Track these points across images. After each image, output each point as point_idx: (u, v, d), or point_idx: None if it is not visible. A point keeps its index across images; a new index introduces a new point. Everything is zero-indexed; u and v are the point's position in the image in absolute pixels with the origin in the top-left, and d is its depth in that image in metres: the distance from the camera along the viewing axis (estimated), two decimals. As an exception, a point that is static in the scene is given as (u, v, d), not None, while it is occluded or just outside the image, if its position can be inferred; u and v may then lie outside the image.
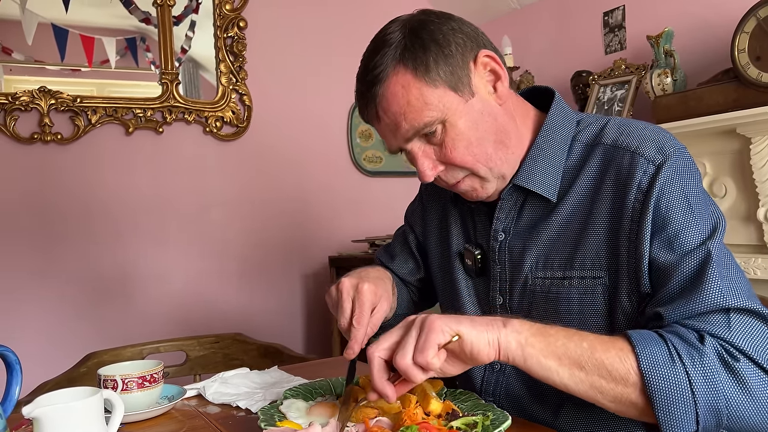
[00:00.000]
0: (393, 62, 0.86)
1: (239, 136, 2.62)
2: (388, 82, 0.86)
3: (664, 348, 0.73)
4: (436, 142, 0.88)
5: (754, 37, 1.76)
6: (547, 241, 0.92)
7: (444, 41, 0.86)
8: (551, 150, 0.92)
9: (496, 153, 0.90)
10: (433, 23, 0.88)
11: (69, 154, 2.32)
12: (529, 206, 0.94)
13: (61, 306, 2.30)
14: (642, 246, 0.81)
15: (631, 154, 0.85)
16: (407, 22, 0.89)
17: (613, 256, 0.85)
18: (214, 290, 2.58)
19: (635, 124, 0.90)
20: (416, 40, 0.86)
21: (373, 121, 0.92)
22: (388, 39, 0.87)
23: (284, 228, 2.72)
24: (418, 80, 0.85)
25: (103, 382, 1.00)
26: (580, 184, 0.89)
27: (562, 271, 0.89)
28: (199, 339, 1.52)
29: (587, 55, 2.51)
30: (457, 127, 0.87)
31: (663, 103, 2.00)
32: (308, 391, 0.97)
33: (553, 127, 0.93)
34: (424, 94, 0.85)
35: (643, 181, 0.83)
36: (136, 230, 2.43)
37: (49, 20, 2.30)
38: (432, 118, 0.85)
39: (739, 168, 1.86)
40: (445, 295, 1.11)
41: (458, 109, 0.86)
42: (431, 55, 0.85)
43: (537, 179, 0.91)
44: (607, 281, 0.86)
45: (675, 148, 0.85)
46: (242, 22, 2.59)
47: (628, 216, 0.83)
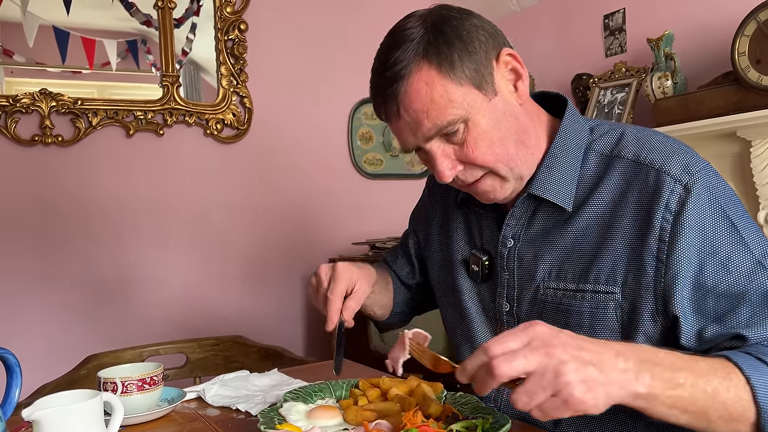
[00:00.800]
0: (416, 57, 0.82)
1: (240, 139, 2.62)
2: (412, 79, 0.83)
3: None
4: (457, 141, 0.86)
5: (755, 41, 1.76)
6: (561, 251, 0.90)
7: (468, 38, 0.84)
8: (566, 158, 0.90)
9: (517, 153, 0.88)
10: (455, 18, 0.85)
11: (70, 157, 2.32)
12: (542, 214, 0.93)
13: (62, 308, 2.30)
14: (677, 269, 0.80)
15: (656, 171, 0.83)
16: (427, 16, 0.86)
17: (632, 274, 0.83)
18: (214, 292, 2.58)
19: (654, 137, 0.89)
20: (440, 35, 0.83)
21: (391, 118, 0.88)
22: (409, 34, 0.84)
23: (285, 230, 2.72)
24: (443, 77, 0.82)
25: (103, 385, 1.00)
26: (599, 197, 0.88)
27: (576, 283, 0.88)
28: (199, 341, 1.52)
29: (587, 57, 2.51)
30: (479, 125, 0.85)
31: (663, 106, 2.00)
32: (308, 394, 0.97)
33: (567, 135, 0.92)
34: (449, 91, 0.82)
35: (671, 201, 0.81)
36: (137, 232, 2.43)
37: (51, 22, 2.30)
38: (456, 116, 0.83)
39: (739, 171, 1.86)
40: (446, 299, 1.10)
41: (481, 107, 0.84)
42: (456, 51, 0.83)
43: (552, 188, 0.89)
44: (620, 297, 0.85)
45: (701, 165, 0.83)
46: (243, 25, 2.59)
47: (654, 236, 0.81)
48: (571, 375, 0.61)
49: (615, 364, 0.65)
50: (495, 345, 0.63)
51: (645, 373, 0.66)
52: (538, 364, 0.62)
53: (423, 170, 3.05)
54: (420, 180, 3.01)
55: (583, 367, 0.62)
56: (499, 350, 0.63)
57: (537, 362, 0.62)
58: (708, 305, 0.80)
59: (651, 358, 0.68)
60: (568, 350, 0.62)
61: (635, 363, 0.66)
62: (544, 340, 0.63)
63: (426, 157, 0.90)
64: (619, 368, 0.65)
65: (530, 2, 2.72)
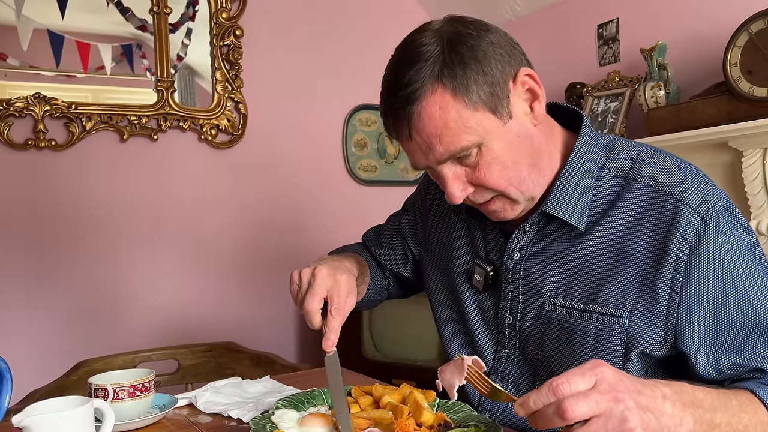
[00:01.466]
0: (430, 79, 0.80)
1: (234, 144, 2.62)
2: (425, 102, 0.80)
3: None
4: (470, 165, 0.84)
5: (746, 52, 1.78)
6: (570, 269, 0.90)
7: (484, 59, 0.81)
8: (580, 177, 0.89)
9: (529, 176, 0.87)
10: (471, 36, 0.82)
11: (63, 161, 2.32)
12: (552, 230, 0.92)
13: (53, 313, 2.29)
14: (691, 303, 0.80)
15: (674, 200, 0.83)
16: (443, 33, 0.82)
17: (643, 301, 0.83)
18: (207, 298, 2.57)
19: (671, 162, 0.88)
20: (455, 56, 0.80)
21: (402, 139, 0.86)
22: (424, 51, 0.81)
23: (278, 236, 2.72)
24: (457, 101, 0.80)
25: (94, 391, 0.99)
26: (613, 219, 0.87)
27: (583, 303, 0.88)
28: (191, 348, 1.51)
29: (581, 66, 2.53)
30: (493, 150, 0.83)
31: (656, 115, 2.01)
32: (300, 401, 0.97)
33: (582, 154, 0.90)
34: (462, 116, 0.80)
35: (689, 232, 0.81)
36: (130, 237, 2.42)
37: (45, 26, 2.30)
38: (470, 142, 0.81)
39: (731, 180, 1.87)
40: (444, 305, 1.09)
41: (496, 132, 0.82)
42: (471, 74, 0.80)
43: (566, 207, 0.88)
44: (627, 322, 0.84)
45: (719, 197, 0.83)
46: (239, 31, 2.59)
47: (669, 265, 0.81)
48: (635, 422, 0.62)
49: (664, 408, 0.66)
50: (564, 384, 0.63)
51: (689, 417, 0.67)
52: (606, 408, 0.62)
53: (417, 177, 3.06)
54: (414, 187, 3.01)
55: (644, 413, 0.63)
56: (568, 391, 0.62)
57: (605, 407, 0.62)
58: (727, 339, 0.81)
59: (692, 400, 0.69)
60: (632, 395, 0.63)
61: (681, 407, 0.67)
62: (611, 384, 0.63)
63: (436, 175, 0.88)
64: (667, 413, 0.66)
65: (524, 11, 2.73)
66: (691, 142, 1.87)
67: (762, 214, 1.77)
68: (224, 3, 2.57)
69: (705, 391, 0.71)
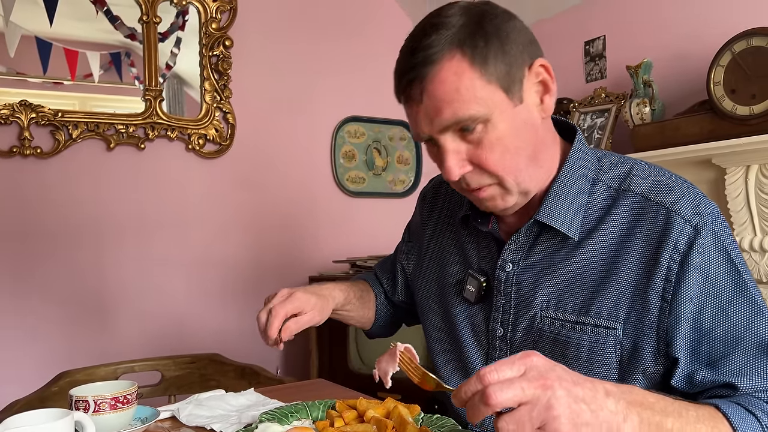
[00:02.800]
0: (450, 45, 0.80)
1: (222, 154, 2.61)
2: (441, 65, 0.80)
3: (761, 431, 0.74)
4: (472, 140, 0.83)
5: (729, 71, 1.81)
6: (562, 280, 0.89)
7: (506, 39, 0.82)
8: (574, 187, 0.89)
9: (527, 167, 0.86)
10: (497, 16, 0.83)
11: (48, 169, 2.30)
12: (544, 240, 0.91)
13: (35, 323, 2.26)
14: (681, 310, 0.80)
15: (666, 210, 0.83)
16: (469, 8, 0.84)
17: (636, 312, 0.83)
18: (191, 309, 2.55)
19: (663, 175, 0.89)
20: (479, 29, 0.81)
21: (411, 101, 0.85)
22: (447, 21, 0.82)
23: (265, 247, 2.71)
24: (474, 70, 0.80)
25: (75, 403, 0.98)
26: (605, 230, 0.87)
27: (576, 315, 0.87)
28: (174, 359, 1.50)
29: (568, 82, 2.55)
30: (498, 129, 0.82)
31: (641, 132, 2.04)
32: (284, 415, 0.96)
33: (576, 164, 0.91)
34: (476, 85, 0.80)
35: (680, 241, 0.81)
36: (114, 247, 2.40)
37: (33, 33, 2.29)
38: (477, 113, 0.81)
39: (714, 197, 1.89)
40: (434, 319, 1.09)
41: (505, 111, 0.82)
42: (492, 48, 0.81)
43: (560, 216, 0.88)
44: (621, 334, 0.84)
45: (710, 208, 0.83)
46: (228, 41, 2.60)
47: (660, 275, 0.81)
48: (561, 410, 0.60)
49: (605, 404, 0.64)
50: (491, 373, 0.61)
51: (634, 416, 0.65)
52: (533, 396, 0.60)
53: (405, 189, 3.07)
54: (402, 199, 3.03)
55: (575, 403, 0.61)
56: (495, 378, 0.61)
57: (532, 394, 0.60)
58: (702, 348, 0.81)
59: (641, 401, 0.67)
60: (563, 384, 0.62)
61: (626, 405, 0.65)
62: (540, 372, 0.62)
63: (436, 153, 0.87)
64: (609, 409, 0.64)
65: (513, 27, 2.76)
66: (676, 159, 1.90)
67: (744, 230, 1.79)
68: (214, 13, 2.58)
69: (658, 397, 0.70)
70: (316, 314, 1.03)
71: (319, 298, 1.05)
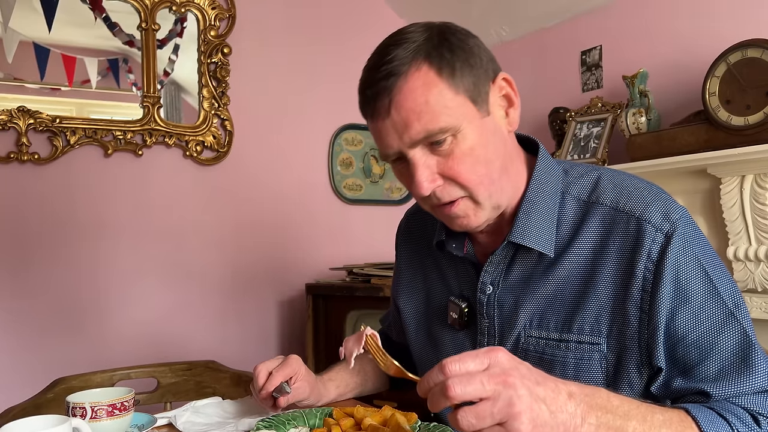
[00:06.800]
0: (416, 56, 0.80)
1: (219, 161, 2.62)
2: (409, 76, 0.79)
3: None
4: (442, 153, 0.82)
5: (725, 82, 1.82)
6: (542, 298, 0.88)
7: (470, 52, 0.83)
8: (543, 204, 0.89)
9: (499, 179, 0.85)
10: (459, 32, 0.85)
11: (46, 175, 2.30)
12: (520, 260, 0.91)
13: (30, 329, 2.25)
14: (657, 319, 0.79)
15: (636, 220, 0.83)
16: (430, 26, 0.84)
17: (617, 326, 0.83)
18: (188, 316, 2.54)
19: (630, 182, 0.88)
20: (443, 42, 0.81)
21: (378, 116, 0.82)
22: (410, 37, 0.82)
23: (262, 254, 2.71)
24: (442, 80, 0.79)
25: (72, 410, 0.97)
26: (579, 244, 0.86)
27: (559, 333, 0.86)
28: (171, 366, 1.49)
29: (565, 92, 2.57)
30: (468, 140, 0.81)
31: (637, 141, 2.05)
32: (281, 422, 0.96)
33: (542, 179, 0.90)
34: (445, 96, 0.79)
35: (653, 250, 0.80)
36: (111, 253, 2.40)
37: (31, 39, 2.29)
38: (447, 124, 0.79)
39: (709, 207, 1.90)
40: (421, 346, 1.07)
41: (473, 122, 0.82)
42: (458, 59, 0.81)
43: (533, 235, 0.87)
44: (605, 349, 0.84)
45: (679, 213, 0.83)
46: (227, 49, 2.61)
47: (637, 286, 0.81)
48: (522, 408, 0.60)
49: (565, 405, 0.64)
50: (453, 364, 0.62)
51: (592, 419, 0.66)
52: (493, 392, 0.60)
53: (402, 197, 3.07)
54: (399, 206, 3.03)
55: (536, 403, 0.62)
56: (457, 370, 0.61)
57: (492, 390, 0.60)
58: (677, 355, 0.80)
59: (603, 404, 0.68)
60: (525, 383, 0.62)
61: (586, 408, 0.66)
62: (503, 368, 0.62)
63: (404, 170, 0.85)
64: (568, 411, 0.64)
65: (510, 36, 2.78)
66: (671, 169, 1.91)
67: (739, 240, 1.80)
68: (213, 21, 2.59)
69: (624, 400, 0.70)
70: (305, 385, 1.05)
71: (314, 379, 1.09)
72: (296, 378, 1.04)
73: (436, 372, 0.62)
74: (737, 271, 1.81)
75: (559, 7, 2.53)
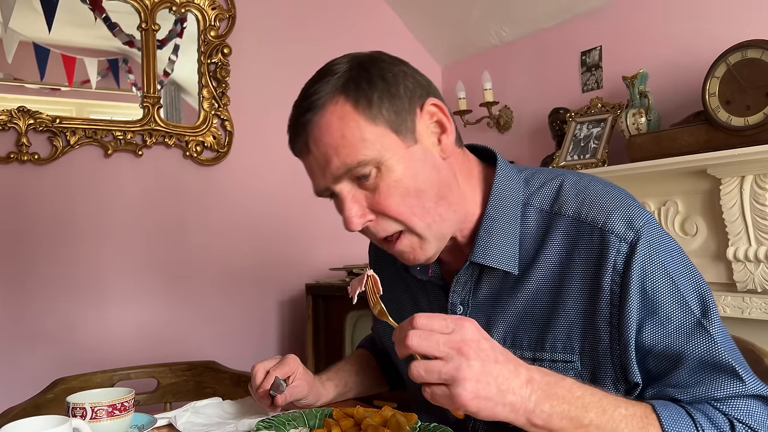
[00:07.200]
0: (333, 91, 0.79)
1: (219, 161, 2.62)
2: (324, 111, 0.79)
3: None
4: (369, 187, 0.80)
5: (725, 82, 1.83)
6: (513, 317, 0.85)
7: (393, 80, 0.80)
8: (504, 219, 0.86)
9: (436, 208, 0.82)
10: (384, 62, 0.83)
11: (46, 175, 2.30)
12: (487, 278, 0.88)
13: (29, 329, 2.25)
14: (628, 333, 0.77)
15: (599, 231, 0.80)
16: (357, 56, 0.83)
17: (589, 342, 0.80)
18: (188, 316, 2.54)
19: (592, 189, 0.85)
20: (363, 73, 0.80)
21: (302, 153, 0.84)
22: (333, 69, 0.81)
23: (261, 254, 2.71)
24: (358, 113, 0.78)
25: (72, 410, 0.97)
26: (545, 258, 0.83)
27: (532, 352, 0.84)
28: (171, 366, 1.49)
29: (565, 92, 2.57)
30: (393, 172, 0.79)
31: (637, 142, 2.05)
32: (281, 423, 0.96)
33: (502, 194, 0.87)
34: (361, 128, 0.78)
35: (618, 261, 0.78)
36: (111, 253, 2.40)
37: (31, 39, 2.29)
38: (367, 156, 0.78)
39: (709, 207, 1.90)
40: (402, 365, 1.05)
41: (397, 153, 0.79)
42: (376, 90, 0.79)
43: (495, 253, 0.84)
44: (579, 366, 0.81)
45: (644, 220, 0.79)
46: (227, 49, 2.61)
47: (605, 300, 0.78)
48: (468, 375, 0.63)
49: (520, 389, 0.66)
50: (422, 319, 0.65)
51: (545, 407, 0.66)
52: (446, 354, 0.64)
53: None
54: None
55: (485, 377, 0.64)
56: (422, 324, 0.65)
57: (445, 352, 0.64)
58: (648, 366, 0.78)
59: (563, 394, 0.68)
60: (480, 355, 0.64)
61: (541, 395, 0.67)
62: (464, 337, 0.65)
63: (338, 206, 0.84)
64: (521, 394, 0.66)
65: (510, 37, 2.78)
66: (671, 169, 1.91)
67: (739, 240, 1.80)
68: (213, 21, 2.59)
69: (587, 391, 0.70)
70: (303, 384, 1.05)
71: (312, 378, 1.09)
72: (294, 377, 1.03)
73: (407, 321, 0.66)
74: (737, 272, 1.81)
75: (559, 8, 2.53)
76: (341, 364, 1.20)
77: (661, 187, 2.00)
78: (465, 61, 3.02)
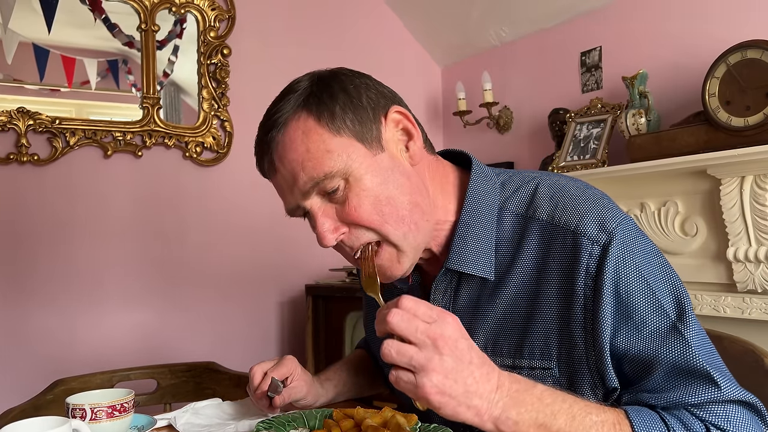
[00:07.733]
0: (295, 107, 0.80)
1: (219, 162, 2.62)
2: (287, 127, 0.79)
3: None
4: (339, 200, 0.80)
5: (724, 83, 1.83)
6: (493, 323, 0.84)
7: (354, 92, 0.81)
8: (480, 225, 0.84)
9: (410, 216, 0.81)
10: (345, 76, 0.83)
11: (45, 176, 2.30)
12: (466, 284, 0.87)
13: (29, 330, 2.25)
14: (602, 339, 0.75)
15: (572, 234, 0.78)
16: (318, 73, 0.84)
17: (565, 348, 0.79)
18: (188, 317, 2.54)
19: (567, 191, 0.83)
20: (325, 88, 0.81)
21: (269, 173, 0.84)
22: (296, 87, 0.83)
23: (261, 255, 2.71)
24: (321, 126, 0.78)
25: (72, 411, 0.97)
26: (521, 263, 0.82)
27: (512, 359, 0.82)
28: (170, 367, 1.49)
29: (565, 93, 2.57)
30: (362, 181, 0.78)
31: (637, 142, 2.05)
32: (281, 424, 0.96)
33: (477, 199, 0.86)
34: (325, 141, 0.78)
35: (591, 265, 0.76)
36: (111, 254, 2.40)
37: (31, 40, 2.29)
38: (333, 168, 0.77)
39: (709, 208, 1.90)
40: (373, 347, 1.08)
41: (364, 162, 0.79)
42: (338, 102, 0.79)
43: (470, 260, 0.84)
44: (557, 373, 0.80)
45: (617, 221, 0.78)
46: (226, 50, 2.61)
47: (579, 304, 0.77)
48: (437, 368, 0.63)
49: (488, 393, 0.66)
50: (408, 301, 0.65)
51: (511, 413, 0.66)
52: (421, 342, 0.64)
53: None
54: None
55: (454, 375, 0.64)
56: (406, 306, 0.65)
57: (421, 340, 0.64)
58: (624, 371, 0.78)
59: (532, 401, 0.68)
60: (455, 354, 0.64)
61: (509, 401, 0.66)
62: (442, 333, 0.64)
63: (309, 219, 0.84)
64: (488, 398, 0.66)
65: (510, 37, 2.78)
66: (671, 170, 1.91)
67: (739, 241, 1.80)
68: (212, 22, 2.59)
69: (558, 397, 0.69)
70: (302, 384, 1.05)
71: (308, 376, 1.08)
72: (292, 378, 1.03)
73: (393, 301, 0.66)
74: (737, 272, 1.81)
75: (559, 8, 2.53)
76: (340, 364, 1.20)
77: (661, 188, 2.00)
78: (465, 62, 3.02)
